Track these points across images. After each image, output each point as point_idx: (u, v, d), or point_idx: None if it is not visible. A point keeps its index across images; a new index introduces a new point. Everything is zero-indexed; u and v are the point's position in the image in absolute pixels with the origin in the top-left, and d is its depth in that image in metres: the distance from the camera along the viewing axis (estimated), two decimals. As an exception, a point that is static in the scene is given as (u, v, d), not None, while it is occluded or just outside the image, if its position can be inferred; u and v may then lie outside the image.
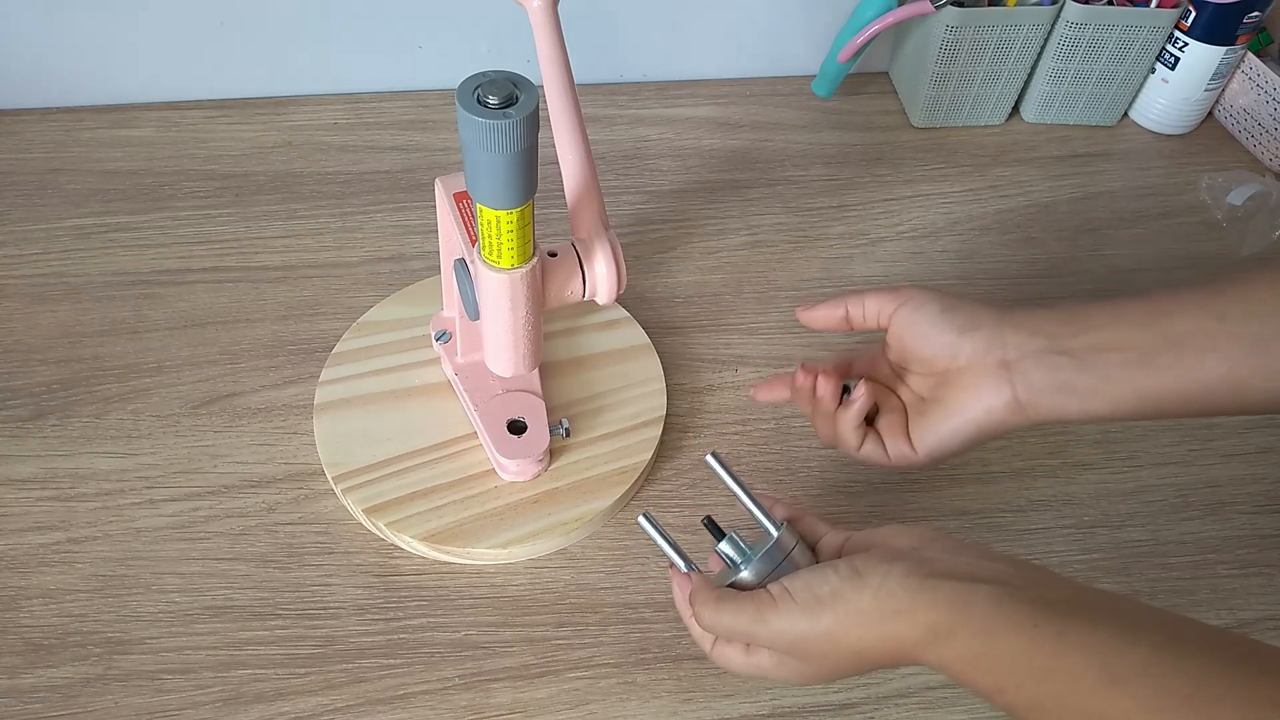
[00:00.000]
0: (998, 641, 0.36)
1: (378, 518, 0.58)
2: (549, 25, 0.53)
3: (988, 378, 0.45)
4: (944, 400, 0.47)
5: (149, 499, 0.60)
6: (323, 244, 0.77)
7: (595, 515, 0.59)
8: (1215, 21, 0.83)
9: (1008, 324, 0.46)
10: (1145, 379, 0.43)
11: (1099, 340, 0.44)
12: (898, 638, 0.38)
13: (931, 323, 0.47)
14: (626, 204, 0.82)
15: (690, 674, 0.55)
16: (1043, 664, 0.35)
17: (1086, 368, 0.44)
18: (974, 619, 0.36)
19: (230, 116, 0.87)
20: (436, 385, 0.65)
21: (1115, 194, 0.85)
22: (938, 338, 0.47)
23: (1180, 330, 0.43)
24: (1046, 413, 0.45)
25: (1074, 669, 0.34)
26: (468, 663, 0.55)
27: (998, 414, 0.45)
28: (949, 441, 0.47)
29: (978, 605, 0.37)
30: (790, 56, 0.94)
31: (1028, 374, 0.45)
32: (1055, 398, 0.44)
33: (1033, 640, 0.35)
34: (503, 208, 0.46)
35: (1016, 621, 0.36)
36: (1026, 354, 0.45)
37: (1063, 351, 0.44)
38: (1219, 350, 0.42)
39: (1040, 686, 0.35)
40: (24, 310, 0.71)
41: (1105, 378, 0.43)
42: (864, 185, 0.85)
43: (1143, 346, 0.43)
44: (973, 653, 0.36)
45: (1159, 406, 0.44)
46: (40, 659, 0.54)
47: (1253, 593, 0.59)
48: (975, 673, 0.37)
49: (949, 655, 0.37)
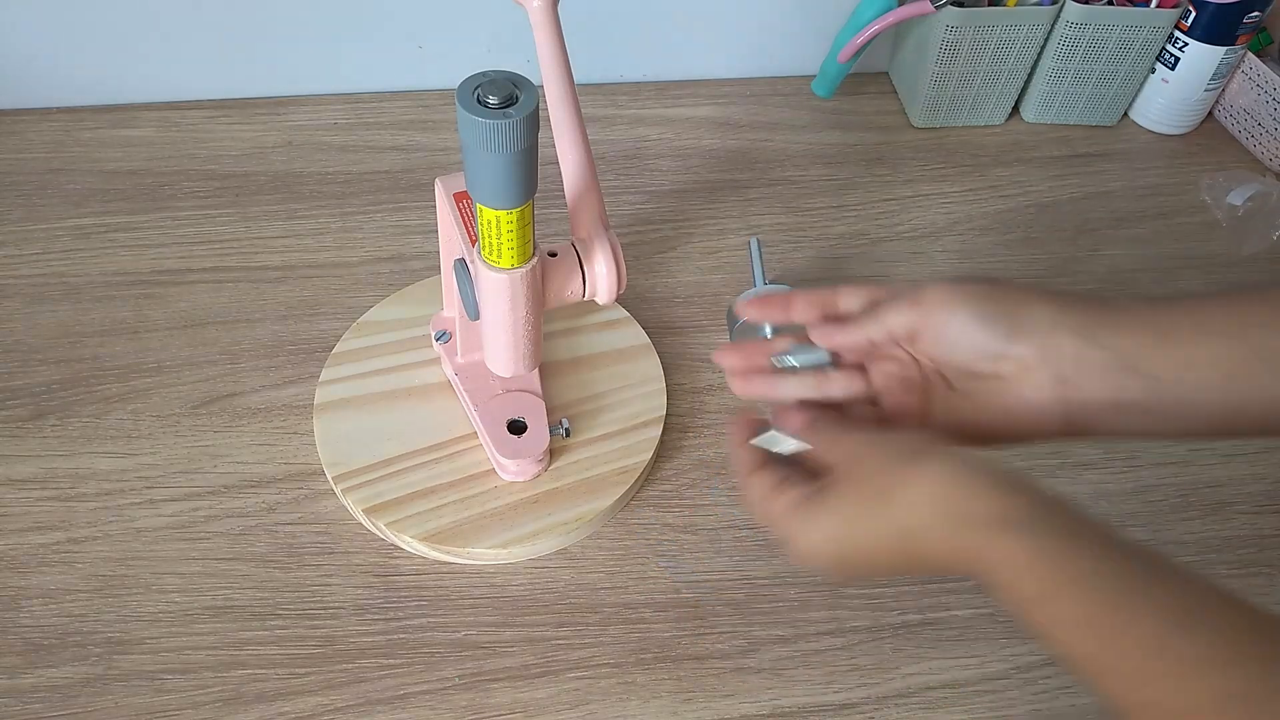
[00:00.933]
0: (1073, 550, 0.33)
1: (378, 518, 0.58)
2: (549, 25, 0.53)
3: (1038, 393, 0.39)
4: (981, 401, 0.41)
5: (149, 499, 0.60)
6: (323, 244, 0.77)
7: (595, 515, 0.59)
8: (1215, 21, 0.83)
9: (1064, 331, 0.39)
10: (1228, 402, 0.38)
11: (1179, 359, 0.38)
12: (951, 506, 0.35)
13: (968, 335, 0.40)
14: (626, 204, 0.82)
15: (690, 674, 0.55)
16: (1115, 589, 0.32)
17: (1161, 389, 0.38)
18: (1054, 521, 0.34)
19: (230, 116, 0.87)
20: (436, 385, 0.65)
21: (1115, 194, 0.85)
22: (977, 350, 0.40)
23: (1275, 345, 0.37)
24: (1102, 431, 0.39)
25: (1157, 602, 0.32)
26: (468, 663, 0.55)
27: (1044, 428, 0.40)
28: (973, 441, 0.41)
29: (1058, 515, 0.34)
30: (790, 56, 0.94)
31: (1085, 392, 0.39)
32: (1116, 418, 0.39)
33: (1112, 564, 0.33)
34: (503, 208, 0.46)
35: (1096, 541, 0.33)
36: (1087, 368, 0.38)
37: (1134, 369, 0.38)
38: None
39: (1102, 610, 0.32)
40: (24, 310, 0.71)
41: (1182, 401, 0.38)
42: (864, 185, 0.85)
43: (1230, 365, 0.37)
44: (1039, 547, 0.33)
45: (1233, 430, 0.39)
46: (40, 659, 0.54)
47: (1253, 593, 0.59)
48: (1033, 570, 0.33)
49: (1006, 545, 0.34)
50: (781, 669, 0.55)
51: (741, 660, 0.55)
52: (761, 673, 0.55)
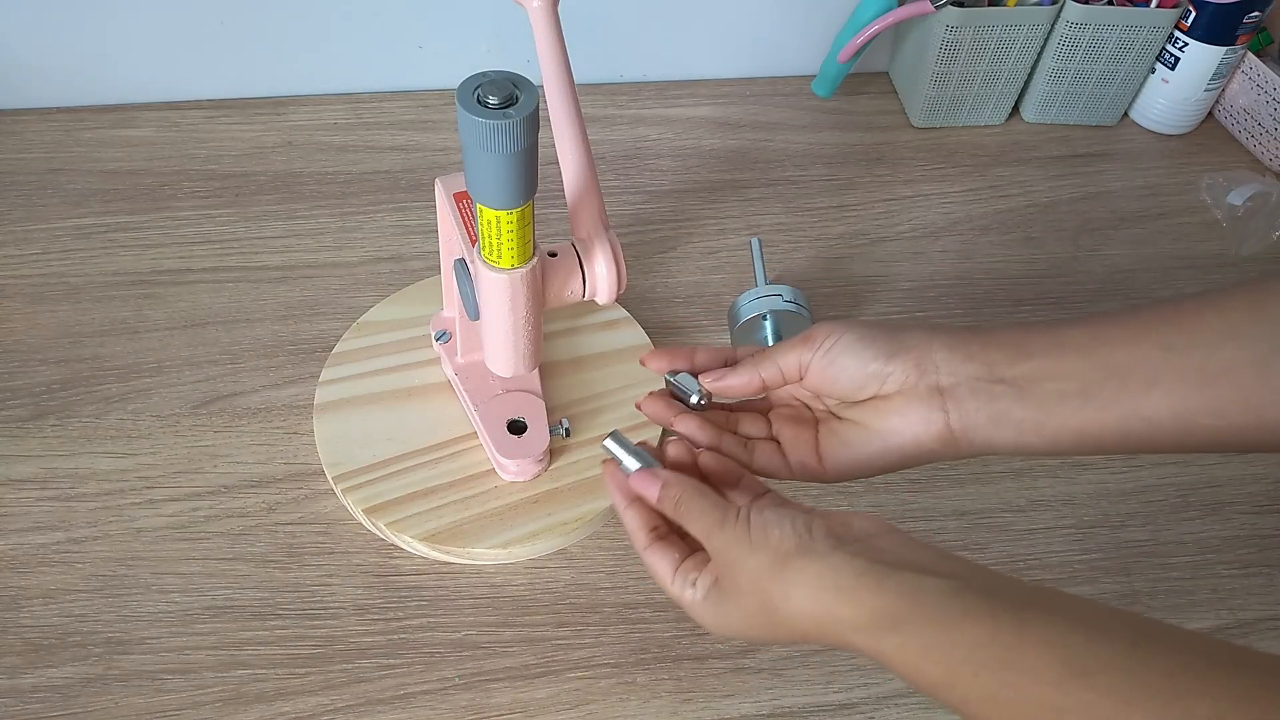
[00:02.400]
0: (953, 630, 0.34)
1: (378, 518, 0.58)
2: (549, 25, 0.53)
3: (919, 405, 0.42)
4: (867, 425, 0.44)
5: (149, 499, 0.60)
6: (323, 244, 0.77)
7: (595, 515, 0.59)
8: (1215, 21, 0.83)
9: (939, 346, 0.42)
10: (1086, 413, 0.40)
11: (1038, 369, 0.41)
12: (834, 615, 0.36)
13: (853, 355, 0.43)
14: (626, 204, 0.82)
15: (690, 674, 0.55)
16: (1000, 654, 0.33)
17: (1025, 398, 0.41)
18: (927, 608, 0.35)
19: (230, 116, 0.87)
20: (436, 385, 0.65)
21: (1115, 194, 0.85)
22: (862, 368, 0.43)
23: (1124, 361, 0.40)
24: (981, 445, 0.42)
25: (1035, 659, 0.33)
26: (468, 663, 0.55)
27: (926, 445, 0.42)
28: (866, 467, 0.44)
29: (930, 596, 0.35)
30: (790, 56, 0.94)
31: (962, 403, 0.42)
32: (991, 429, 0.41)
33: (991, 630, 0.34)
34: (503, 208, 0.46)
35: (973, 612, 0.34)
36: (961, 380, 0.42)
37: (1000, 380, 0.41)
38: (1164, 383, 0.39)
39: (997, 676, 0.33)
40: (24, 310, 0.71)
41: (1045, 411, 0.41)
42: (864, 185, 0.85)
43: (1084, 377, 0.40)
44: (923, 642, 0.35)
45: (1099, 443, 0.41)
46: (40, 659, 0.54)
47: (1253, 593, 0.59)
48: (924, 663, 0.35)
49: (894, 644, 0.35)
50: (781, 669, 0.55)
51: (741, 660, 0.55)
52: (761, 673, 0.55)
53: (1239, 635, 0.57)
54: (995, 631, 0.34)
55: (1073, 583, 0.59)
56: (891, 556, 0.37)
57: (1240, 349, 0.38)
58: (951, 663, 0.34)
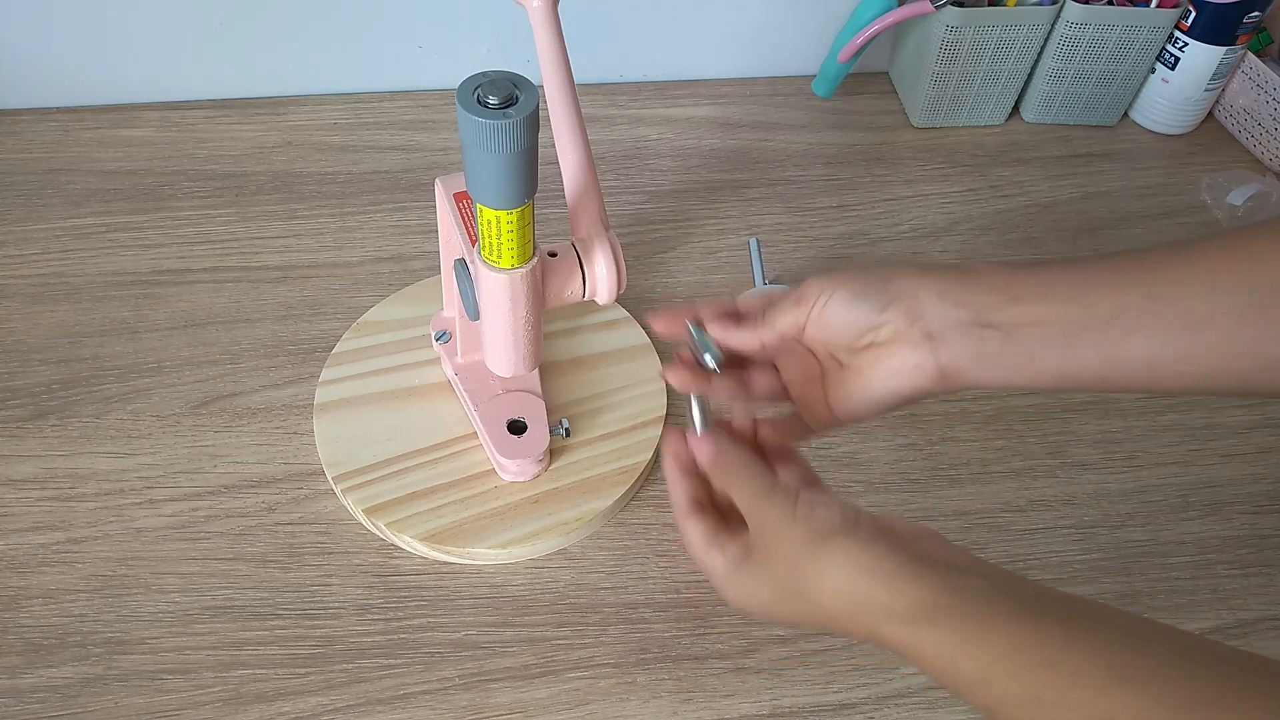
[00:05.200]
0: (993, 628, 0.34)
1: (378, 518, 0.58)
2: (549, 25, 0.53)
3: (912, 351, 0.43)
4: (865, 370, 0.45)
5: (149, 499, 0.60)
6: (323, 244, 0.77)
7: (595, 515, 0.59)
8: (1215, 21, 0.83)
9: (927, 295, 0.43)
10: (1066, 357, 0.41)
11: (1025, 314, 0.42)
12: (868, 598, 0.37)
13: (846, 310, 0.44)
14: (626, 204, 0.82)
15: (690, 674, 0.55)
16: (1046, 655, 0.33)
17: (1011, 342, 0.42)
18: (967, 603, 0.35)
19: (230, 116, 0.87)
20: (436, 385, 0.65)
21: (1115, 194, 0.85)
22: (856, 323, 0.44)
23: (1107, 308, 0.41)
24: (970, 381, 0.44)
25: (1079, 663, 0.33)
26: (468, 663, 0.55)
27: (921, 384, 0.44)
28: (870, 410, 0.46)
29: (972, 592, 0.35)
30: (790, 56, 0.94)
31: (951, 345, 0.43)
32: (978, 369, 0.43)
33: (1035, 632, 0.34)
34: (503, 208, 0.46)
35: (1015, 613, 0.35)
36: (950, 325, 0.43)
37: (988, 325, 0.42)
38: (1144, 330, 0.40)
39: (1040, 677, 0.33)
40: (24, 310, 0.71)
41: (1028, 354, 0.42)
42: (864, 185, 0.85)
43: (1067, 323, 0.41)
44: (961, 637, 0.35)
45: (1078, 383, 0.42)
46: (40, 659, 0.54)
47: (1253, 593, 0.59)
48: (960, 658, 0.35)
49: (930, 636, 0.35)
50: (781, 669, 0.55)
51: (741, 660, 0.55)
52: (761, 673, 0.55)
53: (1239, 635, 0.57)
54: (1040, 633, 0.34)
55: (1073, 583, 0.59)
56: (934, 555, 0.37)
57: (1220, 299, 0.39)
58: (988, 660, 0.34)
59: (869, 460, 0.65)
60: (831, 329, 0.45)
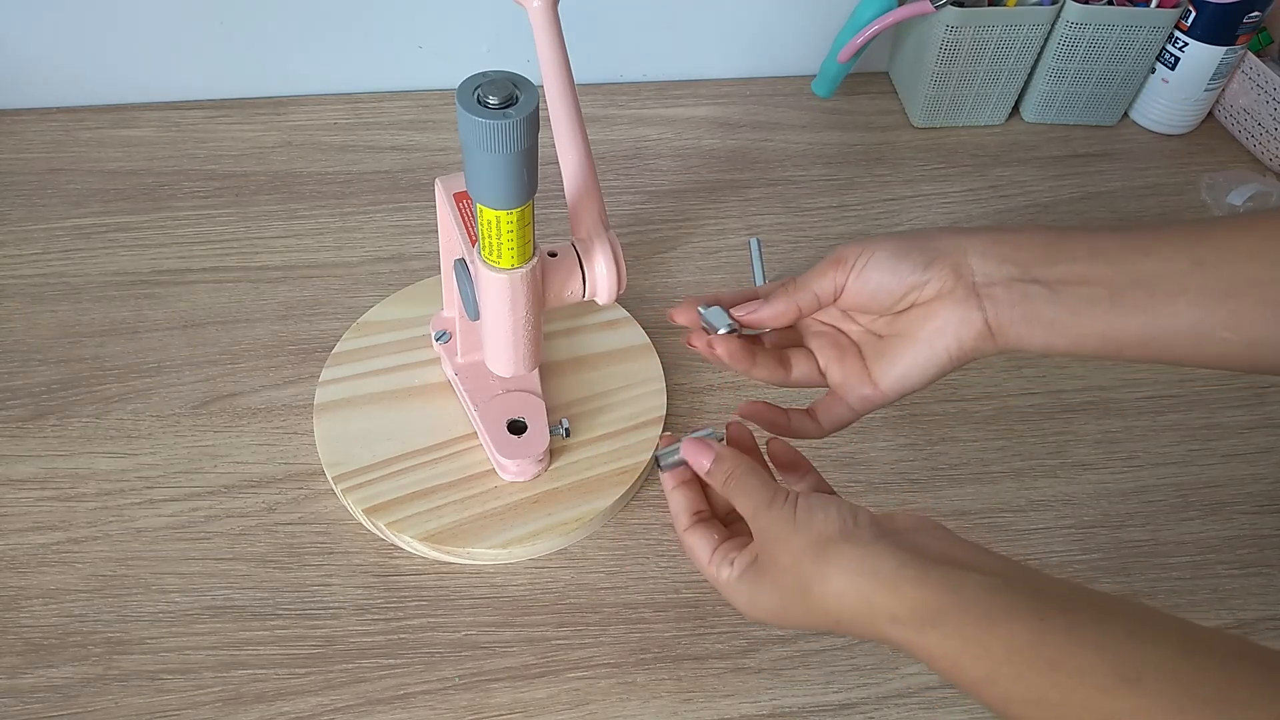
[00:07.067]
0: (996, 627, 0.34)
1: (378, 518, 0.58)
2: (549, 25, 0.53)
3: (958, 307, 0.43)
4: (910, 334, 0.44)
5: (149, 499, 0.60)
6: (323, 244, 0.77)
7: (595, 515, 0.59)
8: (1215, 21, 0.83)
9: (971, 250, 0.43)
10: (1112, 318, 0.41)
11: (1071, 273, 0.42)
12: (871, 603, 0.36)
13: (888, 269, 0.44)
14: (626, 204, 0.82)
15: (690, 674, 0.55)
16: (1050, 655, 0.33)
17: (1057, 300, 0.42)
18: (969, 603, 0.35)
19: (230, 116, 0.87)
20: (436, 385, 0.65)
21: (1115, 194, 0.85)
22: (900, 280, 0.44)
23: (1153, 270, 0.41)
24: (1014, 341, 0.43)
25: (1084, 663, 0.33)
26: (468, 663, 0.55)
27: (969, 343, 0.43)
28: (920, 376, 0.45)
29: (972, 591, 0.35)
30: (790, 56, 0.94)
31: (998, 301, 0.43)
32: (1023, 327, 0.43)
33: (1038, 630, 0.34)
34: (503, 208, 0.46)
35: (1017, 610, 0.34)
36: (996, 281, 0.43)
37: (1034, 280, 0.42)
38: (1189, 294, 0.40)
39: (1045, 677, 0.33)
40: (24, 310, 0.71)
41: (1074, 312, 0.42)
42: (864, 185, 0.85)
43: (1113, 283, 0.41)
44: (964, 638, 0.35)
45: (1120, 348, 0.42)
46: (40, 659, 0.54)
47: (1253, 593, 0.59)
48: (964, 659, 0.35)
49: (933, 638, 0.35)
50: (781, 669, 0.55)
51: (741, 660, 0.55)
52: (761, 673, 0.55)
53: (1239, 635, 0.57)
54: (1042, 632, 0.34)
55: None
56: (934, 552, 0.37)
57: (1266, 268, 0.39)
58: (993, 660, 0.34)
59: (869, 460, 0.65)
60: (873, 289, 0.44)
